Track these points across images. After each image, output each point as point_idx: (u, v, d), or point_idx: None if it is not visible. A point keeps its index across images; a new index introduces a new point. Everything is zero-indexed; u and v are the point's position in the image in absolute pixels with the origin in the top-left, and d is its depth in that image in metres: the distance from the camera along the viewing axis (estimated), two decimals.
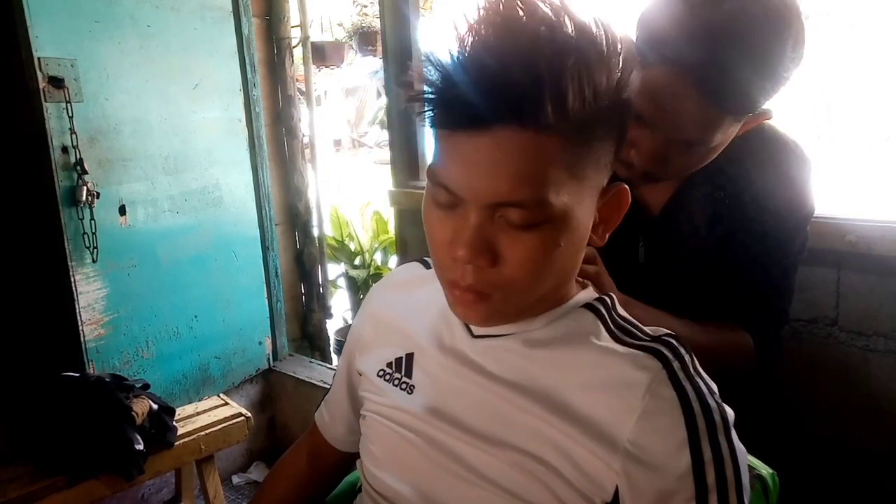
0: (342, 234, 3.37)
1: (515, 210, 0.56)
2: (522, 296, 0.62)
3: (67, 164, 1.68)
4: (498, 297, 0.61)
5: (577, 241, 0.62)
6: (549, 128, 0.54)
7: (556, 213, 0.57)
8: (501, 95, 0.52)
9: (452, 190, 0.58)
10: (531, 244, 0.58)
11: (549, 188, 0.56)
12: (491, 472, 0.64)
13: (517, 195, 0.56)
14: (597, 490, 0.60)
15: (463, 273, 0.60)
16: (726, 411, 0.61)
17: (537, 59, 0.52)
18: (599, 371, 0.63)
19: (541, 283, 0.61)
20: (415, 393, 0.72)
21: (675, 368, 0.61)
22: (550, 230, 0.58)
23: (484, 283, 0.60)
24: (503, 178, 0.55)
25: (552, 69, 0.52)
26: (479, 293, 0.61)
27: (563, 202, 0.57)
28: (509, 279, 0.59)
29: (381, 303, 0.82)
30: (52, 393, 1.52)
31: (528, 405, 0.64)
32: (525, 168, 0.55)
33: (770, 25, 0.79)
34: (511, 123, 0.54)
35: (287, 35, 2.46)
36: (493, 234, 0.58)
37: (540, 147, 0.54)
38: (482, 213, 0.57)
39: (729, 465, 0.58)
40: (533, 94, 0.52)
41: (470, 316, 0.64)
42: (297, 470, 0.92)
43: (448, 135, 0.57)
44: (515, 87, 0.52)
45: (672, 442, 0.58)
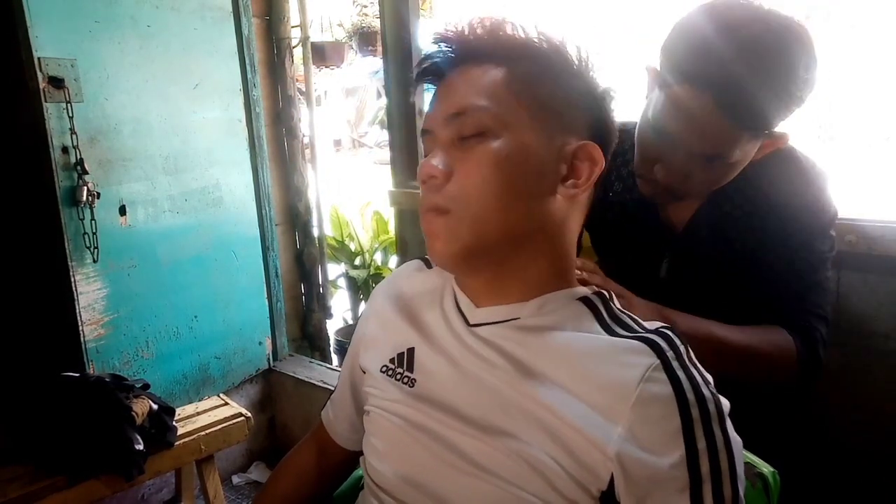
0: (342, 234, 3.37)
1: (462, 119, 0.67)
2: (475, 213, 0.66)
3: (67, 164, 1.68)
4: (452, 215, 0.66)
5: (530, 174, 0.67)
6: (490, 59, 0.68)
7: (498, 126, 0.66)
8: (452, 46, 0.70)
9: (427, 127, 0.71)
10: (477, 157, 0.66)
11: (491, 100, 0.66)
12: (488, 461, 0.65)
13: (462, 104, 0.67)
14: (592, 479, 0.61)
15: (428, 193, 0.68)
16: (721, 401, 0.62)
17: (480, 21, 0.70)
18: (594, 360, 0.64)
19: (493, 207, 0.65)
20: (416, 386, 0.74)
21: (669, 358, 0.62)
22: (496, 147, 0.66)
23: (442, 198, 0.67)
24: (453, 98, 0.68)
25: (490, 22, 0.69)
26: (437, 209, 0.67)
27: (507, 119, 0.66)
28: (460, 192, 0.66)
29: (384, 300, 0.83)
30: (52, 393, 1.52)
31: (525, 394, 0.65)
32: (470, 86, 0.68)
33: (785, 49, 0.85)
34: (459, 62, 0.70)
35: (287, 35, 2.46)
36: (450, 156, 0.68)
37: (483, 73, 0.68)
38: (442, 136, 0.69)
39: (723, 455, 0.59)
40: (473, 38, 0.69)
41: (435, 246, 0.69)
42: (303, 467, 0.93)
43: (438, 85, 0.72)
44: (461, 37, 0.70)
45: (666, 431, 0.59)
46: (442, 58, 0.71)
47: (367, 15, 3.91)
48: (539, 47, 0.69)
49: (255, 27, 2.31)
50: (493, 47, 0.69)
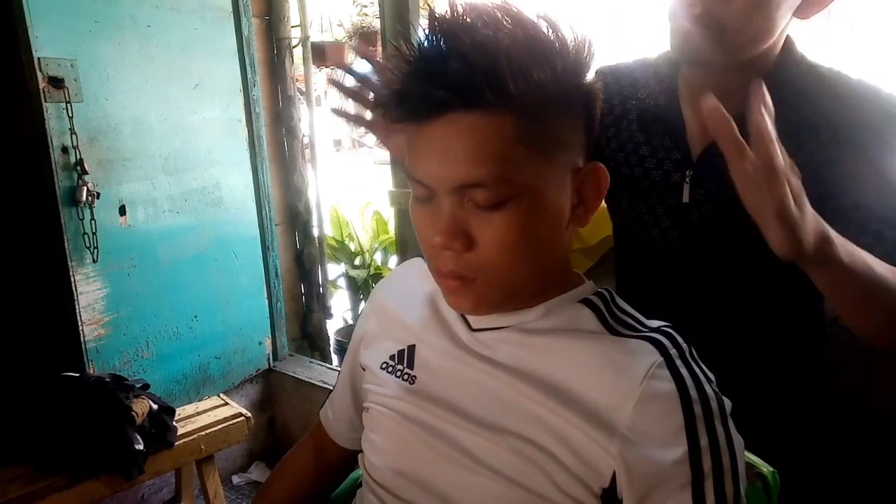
0: (342, 234, 3.37)
1: (478, 190, 0.59)
2: (504, 278, 0.63)
3: (67, 164, 1.68)
4: (481, 280, 0.63)
5: (550, 221, 0.63)
6: (493, 107, 0.58)
7: (519, 190, 0.60)
8: (444, 82, 0.57)
9: (422, 181, 0.62)
10: (500, 224, 0.60)
11: (508, 165, 0.59)
12: (490, 458, 0.65)
13: (476, 175, 0.59)
14: (594, 476, 0.61)
15: (444, 260, 0.63)
16: (724, 400, 0.62)
17: (474, 49, 0.57)
18: (597, 359, 0.64)
19: (519, 264, 0.63)
20: (416, 383, 0.74)
21: (672, 356, 0.62)
22: (517, 208, 0.60)
23: (464, 267, 0.63)
24: (460, 160, 0.59)
25: (486, 55, 0.57)
26: (461, 278, 0.63)
27: (525, 179, 0.60)
28: (487, 261, 0.62)
29: (385, 297, 0.83)
30: (52, 393, 1.52)
31: (526, 391, 0.65)
32: (478, 147, 0.58)
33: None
34: (456, 107, 0.58)
35: (287, 35, 2.46)
36: (465, 218, 0.61)
37: (489, 126, 0.58)
38: (451, 198, 0.61)
39: (725, 453, 0.59)
40: (470, 77, 0.56)
41: (459, 303, 0.67)
42: (302, 466, 0.93)
43: (412, 129, 0.62)
44: (455, 74, 0.57)
45: (669, 428, 0.59)
46: (429, 101, 0.58)
47: (367, 15, 3.91)
48: (547, 72, 0.59)
49: (255, 27, 2.31)
50: (499, 90, 0.57)
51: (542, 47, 0.59)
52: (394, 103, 0.61)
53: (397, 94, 0.60)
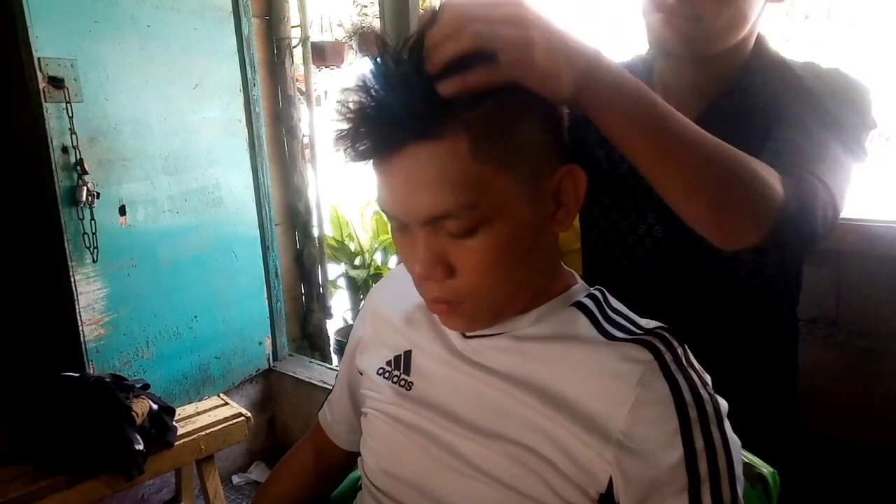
0: (342, 234, 3.37)
1: (449, 221, 0.58)
2: (490, 298, 0.63)
3: (67, 164, 1.68)
4: (468, 304, 0.63)
5: (527, 234, 0.62)
6: (445, 132, 0.56)
7: (490, 213, 0.58)
8: (390, 119, 0.56)
9: (393, 215, 0.62)
10: (477, 249, 0.60)
11: (472, 190, 0.57)
12: (487, 464, 0.65)
13: (442, 206, 0.58)
14: (591, 481, 0.61)
15: (429, 288, 0.64)
16: (719, 402, 0.62)
17: (415, 76, 0.55)
18: (591, 364, 0.63)
19: (503, 284, 0.63)
20: (413, 389, 0.73)
21: (667, 360, 0.62)
22: (491, 231, 0.59)
23: (449, 293, 0.63)
24: (424, 194, 0.58)
25: (426, 80, 0.55)
26: (448, 302, 0.63)
27: (493, 200, 0.58)
28: (470, 286, 0.62)
29: (381, 302, 0.83)
30: (52, 393, 1.52)
31: (522, 397, 0.65)
32: (439, 178, 0.57)
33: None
34: (409, 141, 0.56)
35: (287, 35, 2.46)
36: (441, 247, 0.60)
37: (446, 152, 0.56)
38: (424, 230, 0.60)
39: (721, 456, 0.59)
40: (413, 109, 0.55)
41: (451, 324, 0.68)
42: (301, 467, 0.93)
43: (374, 165, 0.60)
44: (399, 109, 0.55)
45: (664, 432, 0.59)
46: (379, 140, 0.57)
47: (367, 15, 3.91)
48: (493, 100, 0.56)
49: (255, 27, 2.31)
50: (444, 115, 0.55)
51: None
52: (349, 144, 0.59)
53: (349, 135, 0.58)
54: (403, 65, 0.57)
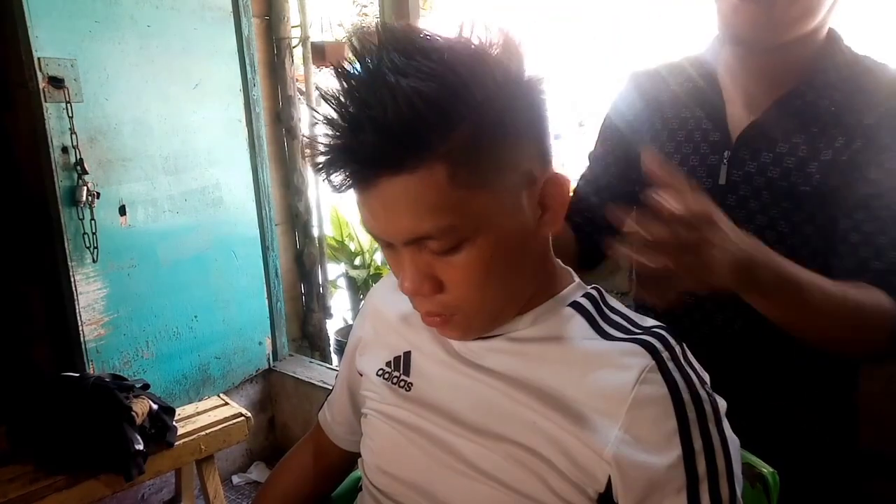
0: (342, 234, 3.37)
1: (430, 241, 0.59)
2: (481, 309, 0.64)
3: (67, 164, 1.68)
4: (460, 315, 0.64)
5: (513, 244, 0.62)
6: (420, 163, 0.54)
7: (471, 231, 0.58)
8: (362, 157, 0.55)
9: (376, 236, 0.62)
10: (462, 265, 0.60)
11: (450, 213, 0.56)
12: (486, 465, 0.65)
13: (422, 229, 0.57)
14: (590, 481, 0.61)
15: (420, 302, 0.64)
16: (717, 401, 0.62)
17: (384, 111, 0.53)
18: (589, 364, 0.63)
19: (493, 295, 0.63)
20: (412, 390, 0.73)
21: (664, 359, 0.62)
22: (474, 247, 0.59)
23: (439, 306, 0.63)
24: (403, 219, 0.57)
25: (397, 114, 0.52)
26: (441, 315, 0.64)
27: (473, 220, 0.58)
28: (459, 300, 0.62)
29: (380, 303, 0.82)
30: (52, 393, 1.52)
31: (520, 398, 0.65)
32: (416, 205, 0.56)
33: None
34: (380, 175, 0.55)
35: (287, 35, 2.46)
36: (427, 264, 0.61)
37: (421, 182, 0.55)
38: (408, 249, 0.60)
39: (720, 455, 0.59)
40: (385, 146, 0.54)
41: (447, 334, 0.68)
42: (301, 467, 0.93)
43: (353, 193, 0.60)
44: (371, 147, 0.54)
45: (662, 432, 0.59)
46: (353, 176, 0.57)
47: (367, 15, 3.91)
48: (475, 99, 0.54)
49: (255, 27, 2.31)
50: (419, 148, 0.54)
51: (464, 76, 0.54)
52: (325, 177, 0.58)
53: (325, 168, 0.57)
54: (370, 98, 0.53)
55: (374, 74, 0.54)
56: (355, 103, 0.55)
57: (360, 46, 0.57)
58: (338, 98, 0.56)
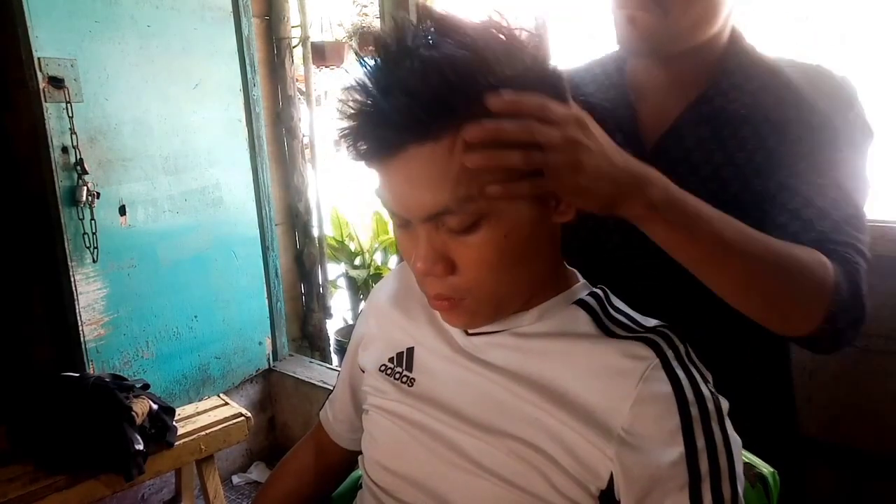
0: (342, 234, 3.37)
1: (449, 217, 0.59)
2: (491, 294, 0.64)
3: (67, 164, 1.68)
4: (469, 300, 0.64)
5: (528, 230, 0.62)
6: (445, 132, 0.56)
7: (489, 207, 0.59)
8: (391, 123, 0.57)
9: (395, 212, 0.63)
10: (478, 245, 0.60)
11: (471, 184, 0.57)
12: (488, 460, 0.65)
13: (442, 203, 0.58)
14: (592, 477, 0.61)
15: (431, 284, 0.64)
16: (720, 400, 0.62)
17: (414, 80, 0.55)
18: (593, 361, 0.64)
19: (504, 280, 0.63)
20: (415, 386, 0.74)
21: (668, 357, 0.62)
22: (491, 227, 0.60)
23: (450, 289, 0.63)
24: (424, 192, 0.59)
25: (426, 83, 0.55)
26: (450, 299, 0.64)
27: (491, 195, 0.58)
28: (471, 282, 0.62)
29: (383, 299, 0.83)
30: (52, 393, 1.52)
31: (524, 394, 0.65)
32: (438, 176, 0.58)
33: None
34: (410, 143, 0.57)
35: (287, 35, 2.46)
36: (443, 243, 0.61)
37: (447, 151, 0.57)
38: (425, 226, 0.61)
39: (722, 454, 0.59)
40: (413, 114, 0.56)
41: (453, 320, 0.68)
42: (302, 466, 0.93)
43: (375, 165, 0.61)
44: (400, 114, 0.56)
45: (665, 429, 0.59)
46: (381, 144, 0.59)
47: (367, 15, 3.91)
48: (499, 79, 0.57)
49: (255, 27, 2.31)
50: (446, 117, 0.56)
51: (494, 52, 0.57)
52: (351, 145, 0.61)
53: (352, 136, 0.60)
54: (403, 68, 0.56)
55: (409, 47, 0.57)
56: (388, 71, 0.57)
57: (396, 24, 0.59)
58: (372, 67, 0.58)
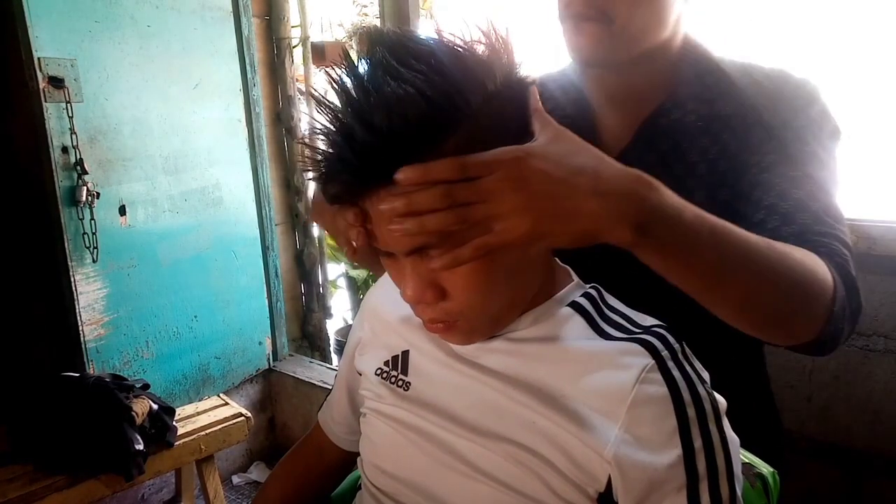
0: None
1: (431, 249, 0.57)
2: (484, 314, 0.64)
3: (67, 164, 1.68)
4: (462, 321, 0.63)
5: (514, 249, 0.59)
6: None
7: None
8: (358, 167, 0.54)
9: (377, 246, 0.60)
10: (464, 271, 0.59)
11: None
12: (486, 464, 0.65)
13: (419, 240, 0.57)
14: (590, 480, 0.61)
15: (422, 310, 0.64)
16: (717, 400, 0.62)
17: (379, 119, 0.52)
18: (589, 364, 0.63)
19: (495, 299, 0.63)
20: (410, 389, 0.73)
21: (664, 358, 0.62)
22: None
23: (442, 314, 0.63)
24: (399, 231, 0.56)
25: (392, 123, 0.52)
26: (444, 321, 0.63)
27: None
28: (462, 306, 0.62)
29: (379, 303, 0.83)
30: (52, 393, 1.52)
31: (519, 398, 0.65)
32: None
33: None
34: (373, 188, 0.55)
35: (287, 35, 2.46)
36: (429, 271, 0.60)
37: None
38: (410, 259, 0.59)
39: (720, 454, 0.59)
40: (380, 157, 0.53)
41: (451, 340, 0.68)
42: (301, 467, 0.93)
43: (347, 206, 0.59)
44: (366, 157, 0.53)
45: (662, 431, 0.59)
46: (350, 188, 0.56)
47: (367, 15, 3.91)
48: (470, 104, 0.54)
49: (255, 27, 2.31)
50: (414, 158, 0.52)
51: (457, 83, 0.54)
52: (323, 187, 0.59)
53: (322, 179, 0.58)
54: (361, 106, 0.54)
55: (366, 84, 0.54)
56: (348, 114, 0.55)
57: (351, 54, 0.57)
58: (331, 108, 0.56)
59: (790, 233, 0.70)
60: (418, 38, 0.57)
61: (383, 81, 0.53)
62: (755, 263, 0.60)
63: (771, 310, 0.63)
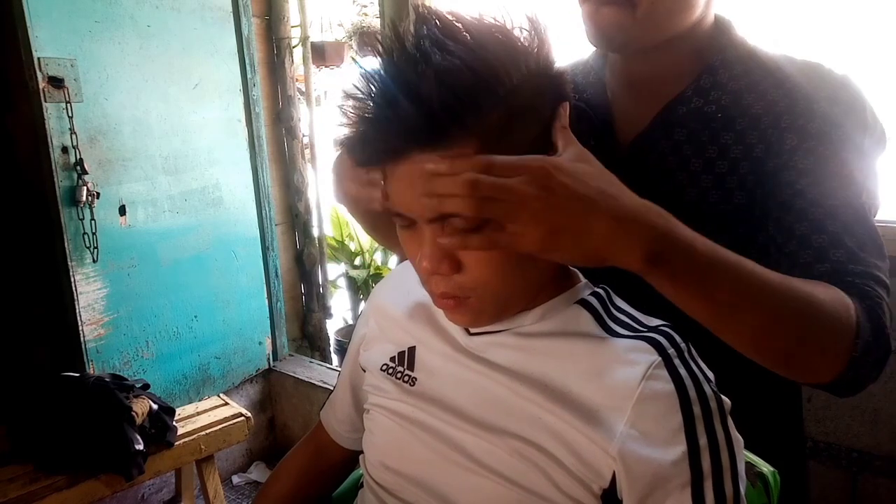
0: (342, 234, 3.37)
1: (455, 218, 0.58)
2: (497, 293, 0.63)
3: (67, 164, 1.69)
4: (474, 298, 0.63)
5: None
6: (453, 141, 0.55)
7: None
8: (398, 129, 0.56)
9: (399, 213, 0.61)
10: None
11: None
12: (490, 459, 0.65)
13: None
14: (594, 476, 0.61)
15: (436, 283, 0.63)
16: (723, 399, 0.62)
17: (424, 86, 0.54)
18: (596, 360, 0.64)
19: (510, 279, 0.63)
20: (416, 385, 0.73)
21: (671, 356, 0.62)
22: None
23: (455, 288, 0.62)
24: None
25: (437, 91, 0.54)
26: (455, 297, 0.63)
27: None
28: (476, 281, 0.62)
29: (384, 299, 0.83)
30: (52, 393, 1.52)
31: (526, 393, 0.65)
32: None
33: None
34: (411, 150, 0.56)
35: (287, 35, 2.46)
36: None
37: (460, 155, 0.55)
38: (431, 226, 0.60)
39: (724, 453, 0.59)
40: (423, 122, 0.54)
41: (457, 319, 0.67)
42: (302, 466, 0.93)
43: (376, 168, 0.61)
44: (408, 120, 0.55)
45: (668, 428, 0.59)
46: (386, 149, 0.58)
47: (367, 15, 3.91)
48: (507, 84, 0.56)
49: (255, 27, 2.31)
50: (455, 126, 0.54)
51: (500, 59, 0.56)
52: (354, 148, 0.60)
53: (356, 140, 0.59)
54: (406, 75, 0.55)
55: (412, 53, 0.56)
56: (391, 78, 0.57)
57: (395, 28, 0.58)
58: (373, 72, 0.57)
59: (823, 271, 0.68)
60: (463, 17, 0.59)
61: (431, 52, 0.55)
62: (769, 300, 0.60)
63: (783, 348, 0.62)
